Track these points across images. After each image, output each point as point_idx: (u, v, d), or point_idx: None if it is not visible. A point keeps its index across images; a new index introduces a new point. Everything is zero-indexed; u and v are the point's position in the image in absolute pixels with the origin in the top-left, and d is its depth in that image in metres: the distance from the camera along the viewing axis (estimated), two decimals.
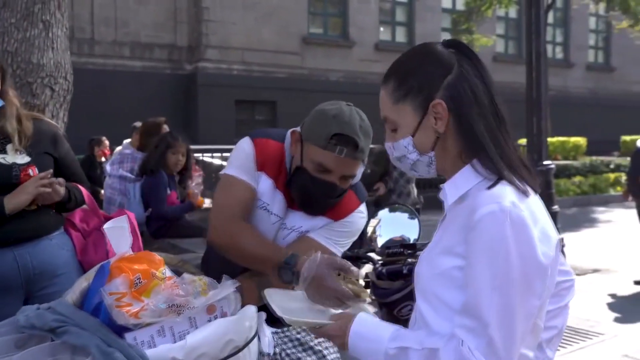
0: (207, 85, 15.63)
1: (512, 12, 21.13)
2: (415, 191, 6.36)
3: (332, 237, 2.01)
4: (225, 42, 16.10)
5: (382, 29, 19.31)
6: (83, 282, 1.59)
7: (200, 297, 1.54)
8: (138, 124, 6.30)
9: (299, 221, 2.03)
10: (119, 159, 4.64)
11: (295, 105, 15.79)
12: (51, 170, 2.38)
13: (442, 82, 1.32)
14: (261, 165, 2.01)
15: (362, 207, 2.09)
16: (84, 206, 2.63)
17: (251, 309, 1.62)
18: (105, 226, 1.64)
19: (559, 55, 23.44)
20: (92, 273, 1.60)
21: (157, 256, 1.65)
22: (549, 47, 19.90)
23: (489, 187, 1.25)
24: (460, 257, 1.24)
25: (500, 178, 1.26)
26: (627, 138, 19.01)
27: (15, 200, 2.27)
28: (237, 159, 2.03)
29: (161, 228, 4.39)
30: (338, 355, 1.90)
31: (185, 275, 1.61)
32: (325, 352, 1.88)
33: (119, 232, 1.63)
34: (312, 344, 1.86)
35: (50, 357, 1.42)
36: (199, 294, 1.56)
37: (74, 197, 2.50)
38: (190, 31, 16.16)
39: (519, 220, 1.19)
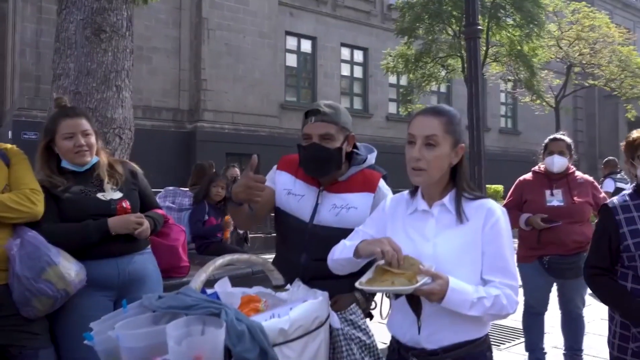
0: (203, 140, 15.72)
1: (443, 87, 21.97)
2: None
3: None
4: (219, 106, 16.30)
5: (342, 98, 19.83)
6: (202, 274, 1.70)
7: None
8: None
9: (343, 199, 2.10)
10: (163, 194, 4.77)
11: (275, 157, 15.80)
12: (145, 220, 2.55)
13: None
14: (281, 167, 2.26)
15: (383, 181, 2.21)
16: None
17: (326, 294, 1.76)
18: (219, 290, 1.80)
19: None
20: (209, 266, 1.71)
21: (256, 296, 1.82)
22: None
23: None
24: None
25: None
26: None
27: (118, 230, 2.45)
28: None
29: (201, 246, 4.51)
30: (373, 333, 2.05)
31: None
32: (367, 329, 2.02)
33: (230, 295, 1.77)
34: (359, 323, 1.99)
35: (186, 327, 1.52)
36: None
37: (157, 224, 2.65)
38: (191, 97, 16.33)
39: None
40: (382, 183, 2.17)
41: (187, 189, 4.97)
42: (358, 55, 20.63)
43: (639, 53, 20.62)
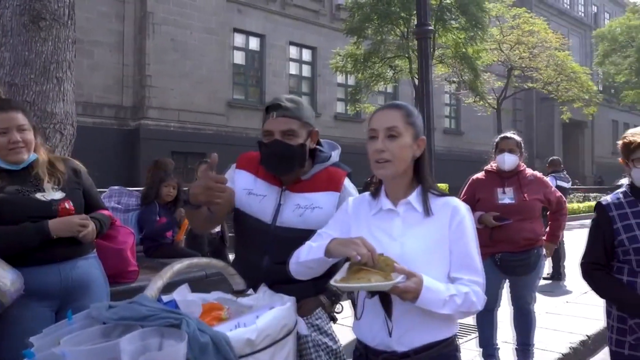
0: (148, 139, 15.20)
1: (389, 88, 22.24)
2: None
3: None
4: (164, 104, 15.82)
5: None
6: (158, 281, 1.56)
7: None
8: None
9: (307, 198, 1.99)
10: (108, 194, 4.48)
11: (221, 156, 15.33)
12: (90, 222, 2.35)
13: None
14: (241, 165, 2.13)
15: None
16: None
17: (293, 300, 1.66)
18: (178, 298, 1.65)
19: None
20: (167, 272, 1.57)
21: (217, 304, 1.70)
22: None
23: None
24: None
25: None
26: None
27: (60, 233, 2.26)
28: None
29: (150, 248, 4.27)
30: (337, 337, 1.96)
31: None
32: (333, 334, 1.93)
33: (191, 303, 1.63)
34: (325, 328, 1.90)
35: (141, 341, 1.39)
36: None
37: (103, 225, 2.46)
38: (135, 94, 15.76)
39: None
40: (347, 181, 2.07)
41: (134, 188, 4.68)
42: (306, 54, 20.57)
43: (574, 58, 21.63)
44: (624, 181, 2.49)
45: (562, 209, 3.99)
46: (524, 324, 3.91)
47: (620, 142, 2.41)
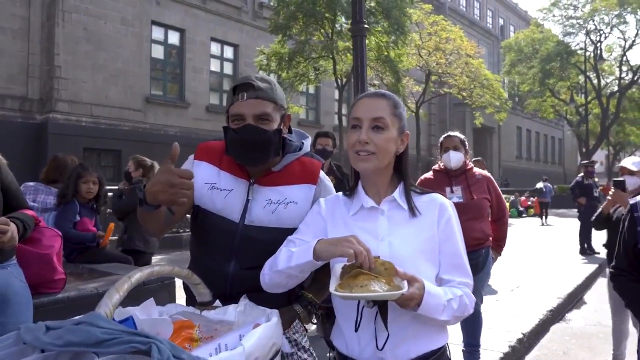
0: (57, 134, 14.10)
1: (311, 89, 22.20)
2: None
3: None
4: (75, 97, 14.73)
5: (211, 95, 19.13)
6: (114, 294, 1.24)
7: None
8: None
9: (280, 192, 1.73)
10: (22, 191, 3.90)
11: (138, 154, 14.86)
12: (11, 225, 1.89)
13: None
14: (200, 156, 1.80)
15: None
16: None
17: (277, 312, 1.40)
18: (141, 317, 1.34)
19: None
20: (124, 282, 1.26)
21: (187, 321, 1.40)
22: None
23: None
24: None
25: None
26: None
27: None
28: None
29: (73, 252, 3.75)
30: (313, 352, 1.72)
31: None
32: (311, 349, 1.69)
33: (159, 323, 1.32)
34: (303, 343, 1.65)
35: None
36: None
37: (27, 228, 2.03)
38: (42, 85, 14.54)
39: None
40: (322, 173, 1.82)
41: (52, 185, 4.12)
42: (228, 52, 20.04)
43: (485, 67, 22.71)
44: None
45: (503, 216, 3.96)
46: (472, 325, 3.86)
47: None
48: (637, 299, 2.07)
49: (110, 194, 5.33)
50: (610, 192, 3.88)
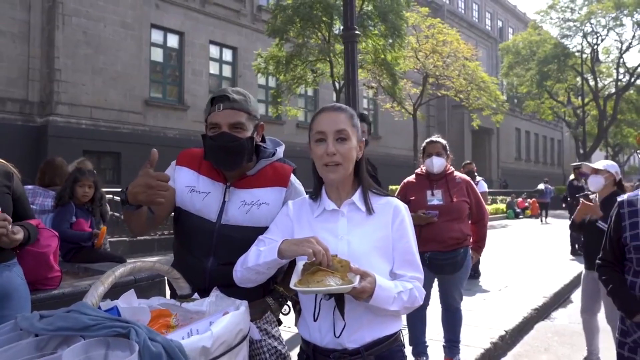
0: (56, 136, 14.28)
1: (310, 91, 22.38)
2: None
3: None
4: (75, 99, 14.92)
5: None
6: (99, 286, 1.41)
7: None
8: None
9: (253, 194, 1.90)
10: None
11: (138, 156, 15.04)
12: (8, 217, 2.06)
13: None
14: (181, 162, 1.99)
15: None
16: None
17: (246, 303, 1.57)
18: (123, 305, 1.50)
19: None
20: (108, 277, 1.43)
21: (165, 310, 1.57)
22: None
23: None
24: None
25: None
26: (392, 187, 20.84)
27: None
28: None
29: (69, 251, 3.93)
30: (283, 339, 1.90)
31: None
32: (281, 338, 1.86)
33: (139, 310, 1.49)
34: (273, 332, 1.82)
35: (84, 354, 1.24)
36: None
37: (31, 237, 2.21)
38: (42, 88, 14.73)
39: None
40: (294, 177, 2.00)
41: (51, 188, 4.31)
42: (227, 54, 20.24)
43: (483, 69, 22.86)
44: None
45: (482, 219, 4.10)
46: (452, 321, 4.03)
47: None
48: (617, 288, 2.25)
49: (109, 196, 5.50)
50: (580, 206, 4.00)
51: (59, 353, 1.20)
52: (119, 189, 6.18)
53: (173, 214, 2.00)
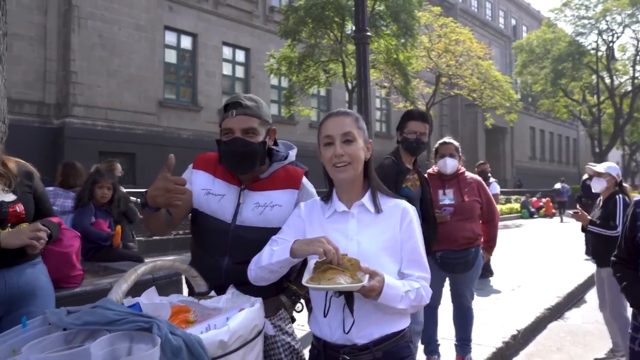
0: (73, 137, 14.52)
1: (322, 91, 22.45)
2: None
3: None
4: (90, 101, 15.15)
5: (224, 98, 19.44)
6: (123, 284, 1.49)
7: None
8: None
9: (267, 197, 1.98)
10: None
11: (152, 157, 15.26)
12: (45, 229, 2.20)
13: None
14: (198, 166, 2.08)
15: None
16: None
17: (261, 300, 1.64)
18: (145, 302, 1.59)
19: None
20: (130, 274, 1.51)
21: (184, 306, 1.66)
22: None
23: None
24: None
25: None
26: None
27: (11, 242, 2.12)
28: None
29: (89, 250, 4.06)
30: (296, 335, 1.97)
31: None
32: (294, 334, 1.93)
33: (160, 306, 1.58)
34: (287, 328, 1.89)
35: (110, 347, 1.33)
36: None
37: (53, 235, 2.33)
38: (59, 91, 14.98)
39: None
40: (305, 180, 2.08)
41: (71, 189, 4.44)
42: (240, 55, 20.37)
43: (496, 68, 22.75)
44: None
45: (493, 219, 4.14)
46: (463, 320, 4.07)
47: None
48: (631, 285, 2.30)
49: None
50: (572, 215, 4.22)
51: (86, 346, 1.28)
52: (133, 189, 6.30)
53: (190, 215, 2.09)
